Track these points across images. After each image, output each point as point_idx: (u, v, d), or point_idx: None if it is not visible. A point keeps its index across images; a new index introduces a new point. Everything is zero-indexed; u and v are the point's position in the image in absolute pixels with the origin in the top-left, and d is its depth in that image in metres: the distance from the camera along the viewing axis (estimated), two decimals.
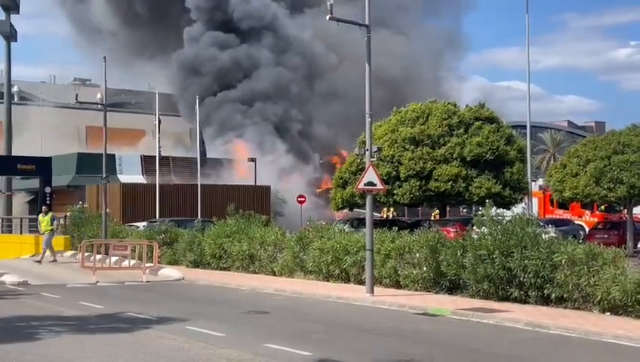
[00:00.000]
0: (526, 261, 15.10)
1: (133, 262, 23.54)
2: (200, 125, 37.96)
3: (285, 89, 57.44)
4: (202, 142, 39.51)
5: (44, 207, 29.08)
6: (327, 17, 17.13)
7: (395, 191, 33.09)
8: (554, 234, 16.74)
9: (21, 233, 36.94)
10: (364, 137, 19.73)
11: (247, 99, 56.60)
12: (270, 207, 41.29)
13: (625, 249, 15.87)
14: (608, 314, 13.88)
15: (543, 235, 15.86)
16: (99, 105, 30.47)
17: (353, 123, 43.66)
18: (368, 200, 17.61)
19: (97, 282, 21.13)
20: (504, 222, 16.24)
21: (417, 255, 17.67)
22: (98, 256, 23.42)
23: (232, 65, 57.53)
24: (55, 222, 27.55)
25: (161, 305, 16.52)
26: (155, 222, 31.50)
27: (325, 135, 58.61)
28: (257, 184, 43.83)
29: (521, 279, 15.22)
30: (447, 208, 38.50)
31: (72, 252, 29.49)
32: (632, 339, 11.71)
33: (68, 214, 33.07)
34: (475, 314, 14.22)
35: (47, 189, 36.14)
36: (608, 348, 11.40)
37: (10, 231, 38.25)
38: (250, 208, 26.86)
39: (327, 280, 20.06)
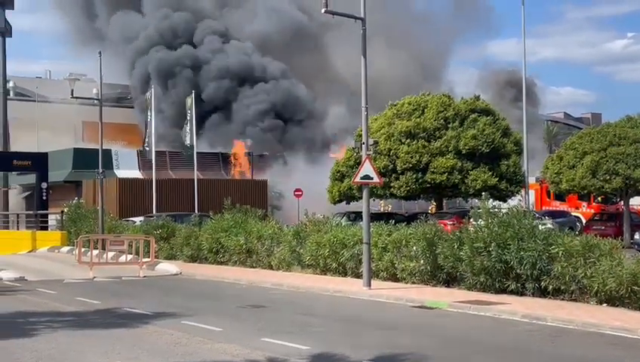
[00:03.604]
0: (522, 253, 15.11)
1: (130, 257, 23.51)
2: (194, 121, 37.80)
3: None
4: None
5: None
6: (323, 10, 17.07)
7: (392, 184, 33.09)
8: (551, 226, 16.75)
9: (18, 229, 36.90)
10: (361, 131, 19.74)
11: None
12: (267, 201, 41.27)
13: (621, 240, 15.87)
14: (605, 305, 13.90)
15: (540, 227, 15.87)
16: (95, 100, 30.42)
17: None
18: (365, 193, 17.60)
19: (94, 277, 21.11)
20: (501, 214, 16.25)
21: (414, 248, 17.68)
22: (95, 252, 23.38)
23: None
24: None
25: (158, 300, 16.51)
26: (151, 216, 31.48)
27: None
28: (255, 178, 43.82)
29: (518, 271, 15.24)
30: (444, 201, 38.50)
31: (69, 247, 29.47)
32: (629, 331, 11.74)
33: (64, 210, 33.03)
34: (472, 307, 14.23)
35: (44, 185, 36.08)
36: (605, 340, 11.42)
37: (7, 227, 38.20)
38: (247, 202, 26.84)
39: (325, 274, 20.07)
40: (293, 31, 59.85)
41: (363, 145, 17.57)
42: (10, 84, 60.71)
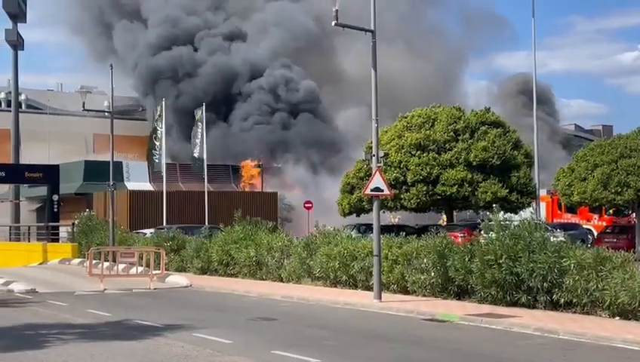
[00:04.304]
0: (534, 265, 15.04)
1: (140, 269, 23.55)
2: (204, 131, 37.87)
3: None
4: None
5: None
6: (333, 23, 17.12)
7: (402, 196, 33.05)
8: (562, 239, 16.67)
9: (29, 241, 37.05)
10: (371, 142, 19.75)
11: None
12: (277, 213, 41.25)
13: (634, 253, 15.80)
14: (617, 318, 13.81)
15: (551, 239, 15.79)
16: (106, 113, 30.58)
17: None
18: (375, 205, 17.57)
19: (105, 289, 21.15)
20: (512, 226, 16.19)
21: (425, 260, 17.61)
22: (106, 264, 23.44)
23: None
24: None
25: (168, 312, 16.52)
26: (162, 228, 31.53)
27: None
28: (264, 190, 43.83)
29: (529, 284, 15.16)
30: (455, 213, 38.40)
31: (80, 259, 29.54)
32: None
33: (75, 222, 33.13)
34: (483, 320, 14.16)
35: (55, 197, 36.26)
36: (617, 353, 11.34)
37: (19, 239, 38.36)
38: (257, 214, 26.85)
39: (335, 286, 20.03)
40: (305, 39, 59.67)
41: (373, 157, 17.57)
42: (22, 97, 61.14)
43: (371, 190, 17.33)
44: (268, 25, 60.77)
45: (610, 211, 38.29)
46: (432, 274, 17.36)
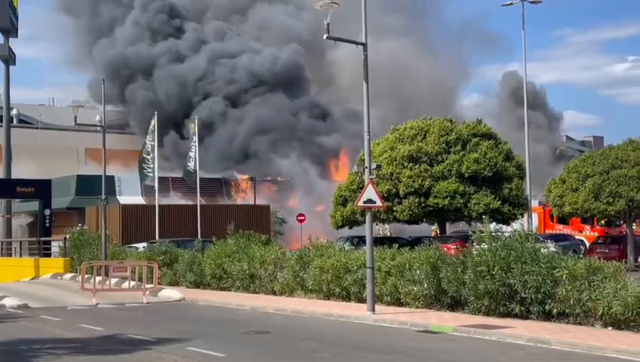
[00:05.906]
0: (526, 276, 15.08)
1: (133, 283, 23.48)
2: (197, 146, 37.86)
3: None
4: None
5: None
6: (325, 36, 17.21)
7: (394, 208, 33.08)
8: (554, 249, 16.73)
9: (21, 256, 36.87)
10: (363, 155, 19.82)
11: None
12: (270, 226, 41.23)
13: (625, 263, 15.85)
14: (610, 328, 13.85)
15: (542, 250, 15.84)
16: (98, 127, 30.58)
17: None
18: (368, 217, 17.61)
19: (97, 304, 21.08)
20: (503, 237, 16.23)
21: (418, 272, 17.63)
22: (98, 278, 23.33)
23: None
24: None
25: (161, 326, 16.46)
26: (154, 242, 31.45)
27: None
28: (257, 203, 43.82)
29: (522, 295, 15.19)
30: (447, 224, 38.44)
31: (72, 274, 29.43)
32: (634, 354, 11.67)
33: (68, 236, 33.01)
34: (476, 331, 14.18)
35: (47, 212, 36.16)
36: None
37: (10, 254, 38.17)
38: (249, 227, 26.82)
39: (328, 299, 20.01)
40: (298, 41, 59.69)
41: (366, 169, 17.62)
42: (14, 112, 61.05)
43: (364, 202, 17.37)
44: (257, 29, 61.02)
45: (602, 222, 38.45)
46: (425, 285, 17.38)
